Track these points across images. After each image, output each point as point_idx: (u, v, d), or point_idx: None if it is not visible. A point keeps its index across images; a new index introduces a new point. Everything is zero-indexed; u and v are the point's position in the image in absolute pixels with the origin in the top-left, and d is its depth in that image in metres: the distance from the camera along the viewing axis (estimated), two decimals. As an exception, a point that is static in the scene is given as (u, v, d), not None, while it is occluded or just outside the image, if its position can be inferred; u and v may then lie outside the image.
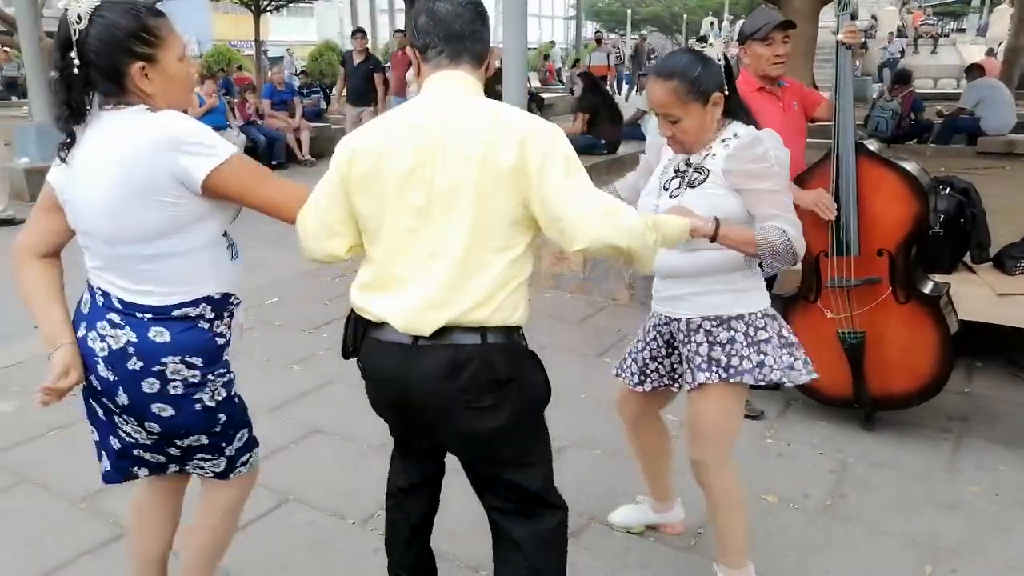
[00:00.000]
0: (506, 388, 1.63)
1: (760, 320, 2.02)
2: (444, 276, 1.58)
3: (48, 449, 3.13)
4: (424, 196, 1.57)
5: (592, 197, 1.56)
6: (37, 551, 2.49)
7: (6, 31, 12.34)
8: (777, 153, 1.98)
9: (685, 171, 2.02)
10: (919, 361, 3.01)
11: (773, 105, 3.08)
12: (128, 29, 1.61)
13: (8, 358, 4.05)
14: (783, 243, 1.87)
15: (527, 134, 1.54)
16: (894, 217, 2.93)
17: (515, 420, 1.65)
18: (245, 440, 1.91)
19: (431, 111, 1.60)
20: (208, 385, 1.76)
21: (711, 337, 2.01)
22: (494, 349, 1.60)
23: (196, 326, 1.72)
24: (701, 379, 2.00)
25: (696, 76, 1.93)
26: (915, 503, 2.69)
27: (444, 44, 1.63)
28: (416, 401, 1.65)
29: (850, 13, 2.99)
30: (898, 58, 20.54)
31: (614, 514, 2.60)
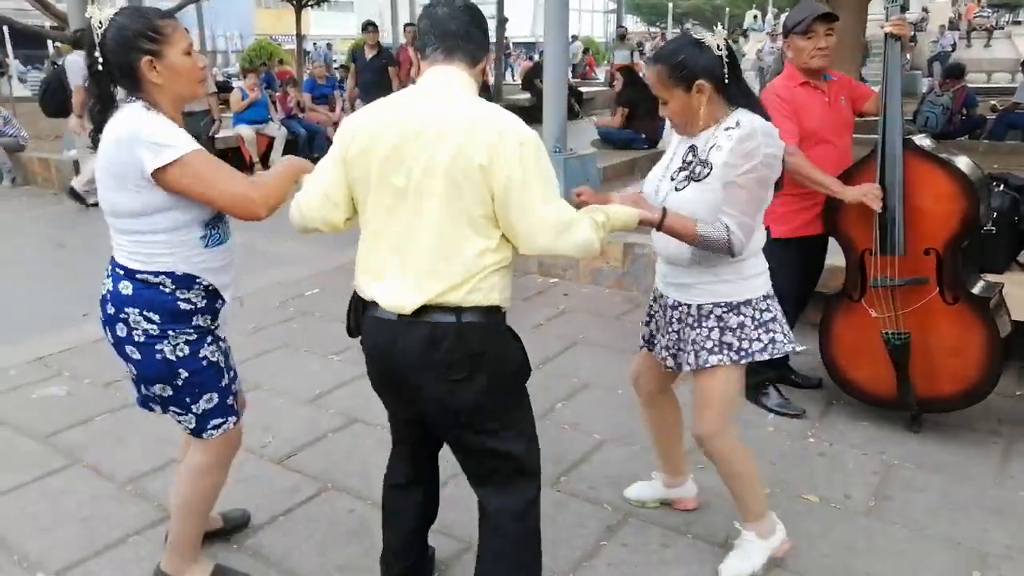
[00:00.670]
0: (480, 363, 1.75)
1: (763, 302, 2.15)
2: (419, 260, 1.72)
3: (97, 433, 3.23)
4: (404, 179, 1.71)
5: (549, 212, 1.68)
6: (89, 530, 2.57)
7: (57, 26, 12.69)
8: (767, 151, 2.00)
9: (692, 163, 2.09)
10: (966, 364, 2.93)
11: (817, 100, 3.03)
12: (135, 29, 1.90)
13: (60, 343, 4.18)
14: (721, 239, 1.99)
15: (502, 137, 1.65)
16: (942, 215, 2.85)
17: (490, 392, 1.78)
18: (215, 405, 2.10)
19: (420, 99, 1.74)
20: (168, 339, 2.01)
21: (722, 323, 2.12)
22: (469, 327, 1.73)
23: (157, 288, 1.99)
24: (714, 361, 2.11)
25: (678, 62, 2.01)
26: (962, 506, 2.63)
27: (439, 42, 1.78)
28: (401, 373, 1.80)
29: (900, 4, 2.92)
30: (949, 52, 19.97)
31: (629, 489, 2.67)
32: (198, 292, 2.04)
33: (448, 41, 1.77)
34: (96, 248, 6.65)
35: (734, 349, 2.11)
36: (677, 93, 2.04)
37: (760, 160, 1.98)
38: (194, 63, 2.00)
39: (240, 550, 2.46)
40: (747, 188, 2.00)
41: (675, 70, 2.02)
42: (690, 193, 2.05)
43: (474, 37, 1.79)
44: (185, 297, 2.02)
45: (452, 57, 1.78)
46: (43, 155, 9.30)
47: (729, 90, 2.05)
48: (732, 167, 1.98)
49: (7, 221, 7.51)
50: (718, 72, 2.01)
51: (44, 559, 2.43)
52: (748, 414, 3.29)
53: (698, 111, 2.04)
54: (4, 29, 19.85)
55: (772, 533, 2.31)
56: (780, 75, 3.13)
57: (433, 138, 1.67)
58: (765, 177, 2.03)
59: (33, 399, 3.55)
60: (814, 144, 2.96)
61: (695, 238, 2.00)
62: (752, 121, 2.01)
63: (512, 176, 1.65)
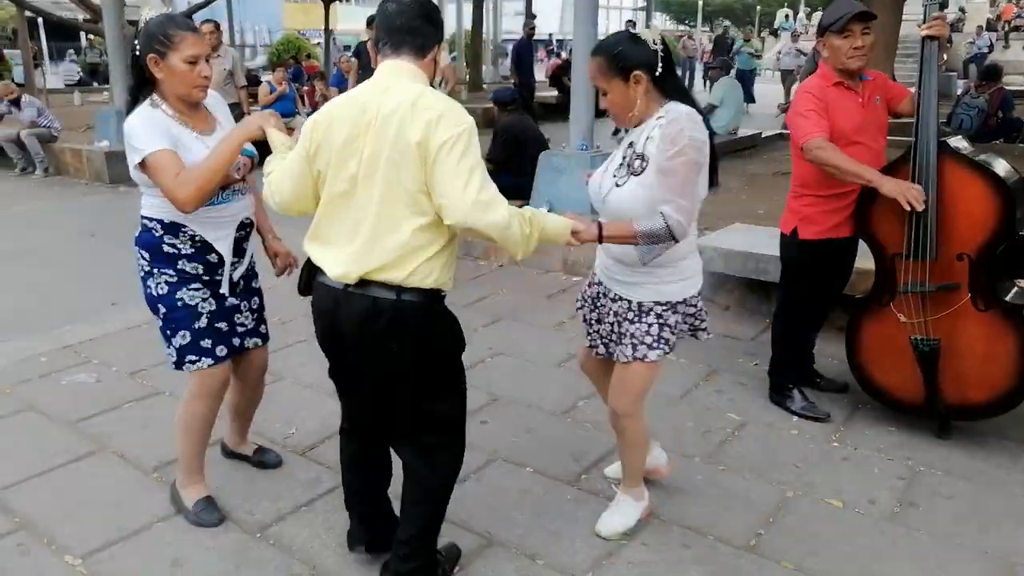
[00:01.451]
0: (415, 337, 1.94)
1: (694, 299, 2.31)
2: (362, 236, 1.89)
3: (124, 420, 3.28)
4: (356, 165, 1.88)
5: (472, 188, 1.80)
6: (116, 515, 2.61)
7: (91, 19, 12.89)
8: (692, 135, 2.08)
9: (630, 157, 2.20)
10: (998, 371, 2.86)
11: (851, 101, 2.97)
12: (152, 32, 2.27)
13: (90, 332, 4.25)
14: (660, 228, 2.07)
15: (437, 118, 1.80)
16: (976, 220, 2.79)
17: (423, 363, 1.98)
18: (188, 342, 2.43)
19: (372, 91, 1.90)
20: (153, 276, 2.43)
21: (662, 320, 2.26)
22: (407, 306, 1.91)
23: (151, 232, 2.42)
24: (652, 356, 2.26)
25: (616, 53, 2.14)
26: (991, 515, 2.58)
27: (388, 37, 1.93)
28: (343, 336, 2.00)
29: (939, 3, 2.85)
30: (986, 53, 19.60)
31: (609, 468, 2.83)
32: (184, 240, 2.40)
33: (395, 36, 1.92)
34: (126, 238, 6.74)
35: (670, 344, 2.28)
36: (616, 83, 2.16)
37: (687, 143, 2.06)
38: (190, 71, 2.29)
39: (262, 538, 2.49)
40: (676, 171, 2.07)
41: (614, 61, 2.14)
42: (631, 188, 2.15)
43: (420, 30, 1.92)
44: (171, 242, 2.40)
45: (400, 51, 1.92)
46: (75, 146, 9.46)
47: (664, 84, 2.16)
48: (661, 152, 2.08)
49: (39, 211, 7.65)
50: (654, 65, 2.13)
51: (71, 543, 2.47)
52: (771, 416, 3.27)
53: (635, 101, 2.15)
54: (39, 21, 20.21)
55: (642, 499, 2.55)
56: (814, 75, 3.08)
57: (380, 126, 1.83)
58: (694, 160, 2.09)
59: (62, 386, 3.61)
60: (846, 145, 2.91)
61: (635, 237, 2.08)
62: (678, 108, 2.13)
63: (442, 152, 1.79)
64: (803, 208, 3.11)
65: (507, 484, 2.78)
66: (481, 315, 4.48)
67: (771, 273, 4.07)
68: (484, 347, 3.98)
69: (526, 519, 2.57)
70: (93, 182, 8.98)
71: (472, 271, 5.36)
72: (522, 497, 2.69)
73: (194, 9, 13.42)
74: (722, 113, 9.37)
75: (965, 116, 8.78)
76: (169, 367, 2.49)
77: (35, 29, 21.51)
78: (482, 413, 3.30)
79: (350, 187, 1.89)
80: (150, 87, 2.33)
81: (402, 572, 2.14)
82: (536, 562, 2.37)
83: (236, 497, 2.70)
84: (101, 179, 8.89)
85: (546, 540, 2.47)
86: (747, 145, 9.52)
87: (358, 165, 1.87)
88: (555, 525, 2.54)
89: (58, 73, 23.14)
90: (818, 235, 3.08)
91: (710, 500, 2.68)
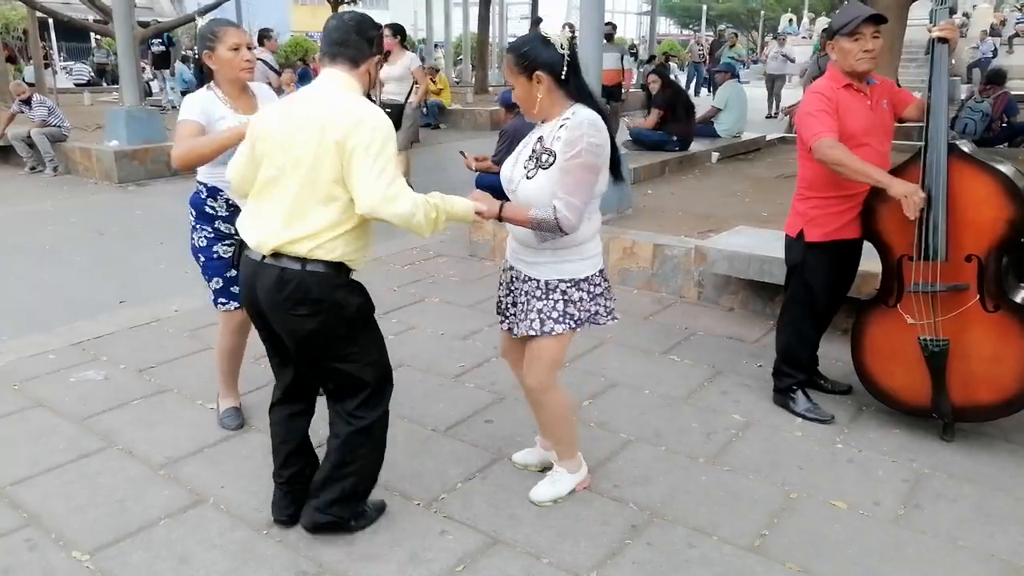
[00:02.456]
0: (318, 304, 2.19)
1: (597, 278, 2.48)
2: (280, 215, 2.18)
3: (132, 417, 3.30)
4: (283, 158, 2.16)
5: (382, 183, 2.07)
6: (123, 511, 2.63)
7: (102, 20, 12.96)
8: (591, 140, 2.26)
9: (539, 152, 2.37)
10: (1006, 373, 2.87)
11: (860, 103, 2.98)
12: (202, 34, 2.90)
13: (97, 329, 4.27)
14: (550, 220, 2.28)
15: (357, 122, 2.08)
16: (986, 221, 2.80)
17: (328, 328, 2.22)
18: (219, 287, 3.04)
19: (307, 96, 2.21)
20: (196, 231, 3.01)
21: (566, 296, 2.43)
22: (310, 275, 2.17)
23: (198, 193, 2.99)
24: (559, 330, 2.43)
25: (522, 53, 2.31)
26: (996, 518, 2.58)
27: (327, 48, 2.24)
28: (260, 303, 2.26)
29: (948, 8, 2.86)
30: (990, 58, 19.57)
31: (516, 455, 2.94)
32: (221, 203, 2.96)
33: (332, 48, 2.22)
34: (134, 236, 6.81)
35: (575, 319, 2.45)
36: (520, 80, 2.32)
37: (584, 147, 2.25)
38: (234, 57, 2.83)
39: (268, 535, 2.50)
40: (572, 172, 2.26)
41: (519, 60, 2.31)
42: (539, 180, 2.33)
43: (353, 43, 2.21)
44: (211, 205, 2.97)
45: (335, 61, 2.21)
46: (85, 145, 9.52)
47: (568, 86, 2.32)
48: (563, 153, 2.27)
49: (49, 209, 7.70)
50: (557, 68, 2.28)
51: (79, 538, 2.49)
52: (776, 418, 3.27)
53: (536, 99, 2.33)
54: (49, 22, 20.31)
55: (578, 470, 2.71)
56: (823, 76, 3.09)
57: (308, 126, 2.12)
58: (590, 163, 2.28)
59: (71, 383, 3.63)
60: (855, 147, 2.92)
61: (528, 222, 2.30)
62: (582, 113, 2.30)
63: (357, 151, 2.06)
64: (809, 210, 3.12)
65: (512, 483, 2.79)
66: (485, 315, 4.49)
67: (775, 275, 4.09)
68: (489, 347, 4.00)
69: (531, 518, 2.58)
70: (102, 181, 9.02)
71: (477, 272, 5.37)
72: (527, 496, 2.70)
73: (203, 11, 13.49)
74: (726, 117, 9.38)
75: (969, 120, 8.78)
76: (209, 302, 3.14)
77: (46, 30, 21.62)
78: (487, 412, 3.32)
79: (277, 174, 2.18)
80: (208, 78, 2.90)
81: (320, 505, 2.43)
82: (541, 560, 2.38)
83: (243, 494, 2.72)
84: (110, 178, 8.94)
85: (551, 539, 2.48)
86: (751, 148, 9.52)
87: (286, 157, 2.15)
88: (560, 525, 2.55)
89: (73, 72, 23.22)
90: (825, 237, 3.09)
91: (715, 501, 2.68)
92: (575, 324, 2.45)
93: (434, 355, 3.93)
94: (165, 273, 5.48)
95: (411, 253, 5.81)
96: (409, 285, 5.07)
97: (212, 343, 4.06)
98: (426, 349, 3.99)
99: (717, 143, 9.05)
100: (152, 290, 5.06)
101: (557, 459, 2.71)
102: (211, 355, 3.89)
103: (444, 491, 2.74)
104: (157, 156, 9.19)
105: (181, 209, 3.29)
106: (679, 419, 3.28)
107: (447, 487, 2.76)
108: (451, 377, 3.66)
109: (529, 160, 2.39)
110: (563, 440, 2.66)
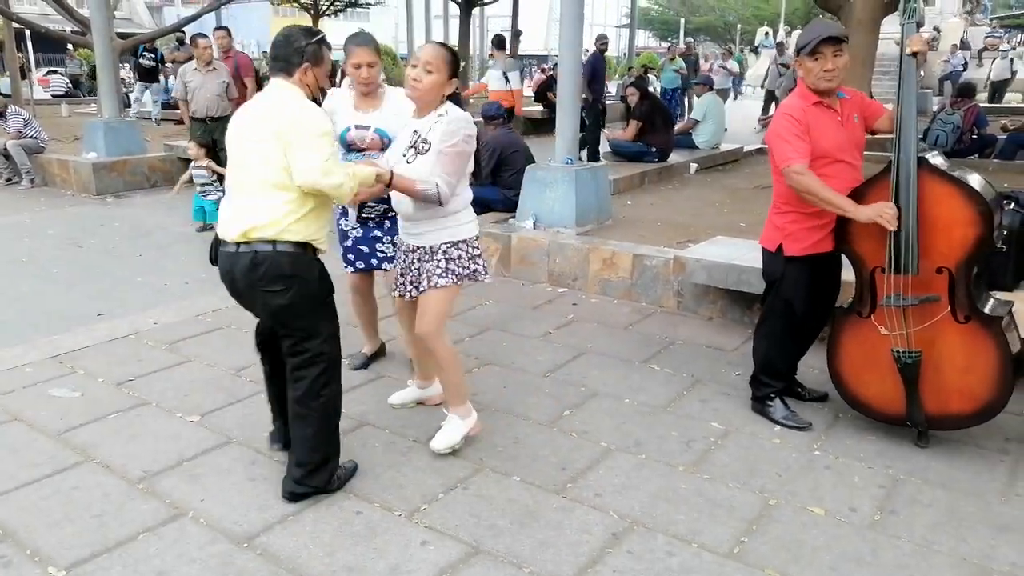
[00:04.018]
0: (290, 280, 2.53)
1: (475, 242, 3.02)
2: (246, 207, 2.53)
3: (110, 431, 3.26)
4: (241, 156, 2.56)
5: (314, 160, 2.45)
6: (101, 526, 2.60)
7: (79, 32, 12.86)
8: (465, 132, 2.82)
9: (416, 141, 2.89)
10: (977, 382, 2.92)
11: (830, 119, 3.03)
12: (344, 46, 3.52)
13: (73, 343, 4.23)
14: (432, 193, 2.79)
15: (290, 113, 2.49)
16: (956, 235, 2.84)
17: (297, 301, 2.57)
18: (341, 254, 3.71)
19: (255, 102, 2.63)
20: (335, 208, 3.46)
21: (447, 256, 2.94)
22: (281, 254, 2.52)
23: None
24: (442, 283, 2.92)
25: (455, 55, 2.91)
26: (968, 523, 2.63)
27: (271, 61, 2.65)
28: (239, 287, 2.60)
29: (916, 22, 2.92)
30: (960, 71, 19.95)
31: (392, 397, 3.46)
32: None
33: (273, 62, 2.63)
34: (112, 248, 6.75)
35: (455, 274, 2.94)
36: (443, 75, 2.83)
37: (460, 138, 2.80)
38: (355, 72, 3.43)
39: (248, 548, 2.49)
40: (450, 156, 2.79)
41: (453, 61, 2.88)
42: (417, 164, 2.84)
43: (283, 56, 2.59)
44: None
45: (275, 71, 2.61)
46: (62, 157, 9.42)
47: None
48: (442, 142, 2.79)
49: (25, 221, 7.61)
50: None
51: (55, 554, 2.46)
52: (754, 426, 3.31)
53: (439, 95, 2.87)
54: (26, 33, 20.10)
55: (468, 415, 3.08)
56: (793, 93, 3.14)
57: (254, 124, 2.53)
58: (463, 150, 2.83)
59: (47, 396, 3.59)
60: (828, 163, 2.97)
61: (414, 192, 2.80)
62: (455, 111, 2.86)
63: (292, 135, 2.45)
64: (787, 225, 3.16)
65: (494, 493, 2.80)
66: (468, 326, 4.50)
67: (753, 285, 4.14)
68: (471, 357, 4.01)
69: (512, 528, 2.59)
70: (80, 193, 8.94)
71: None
72: (508, 506, 2.71)
73: (183, 23, 13.44)
74: (705, 128, 9.50)
75: (940, 132, 8.96)
76: None
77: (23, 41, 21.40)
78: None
79: (238, 171, 2.57)
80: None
81: (297, 477, 2.72)
82: (522, 569, 2.39)
83: (222, 507, 2.70)
84: (88, 190, 8.86)
85: (532, 548, 2.49)
86: (729, 159, 9.63)
87: (242, 155, 2.55)
88: (541, 534, 2.56)
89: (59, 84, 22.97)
90: (804, 251, 3.12)
91: (694, 508, 2.71)
92: (456, 278, 2.94)
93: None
94: (143, 285, 5.44)
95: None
96: (388, 296, 5.05)
97: (191, 356, 4.05)
98: (406, 360, 3.99)
99: (695, 154, 9.15)
100: (130, 303, 5.01)
101: (448, 407, 3.10)
102: (189, 368, 3.89)
103: (425, 502, 2.74)
104: (136, 168, 9.13)
105: (160, 221, 3.28)
106: (659, 428, 3.30)
107: (428, 498, 2.76)
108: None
109: (408, 149, 2.91)
110: (451, 385, 3.06)
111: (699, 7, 43.29)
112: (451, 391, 3.08)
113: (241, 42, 33.41)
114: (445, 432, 3.04)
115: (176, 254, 6.32)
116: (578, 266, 5.22)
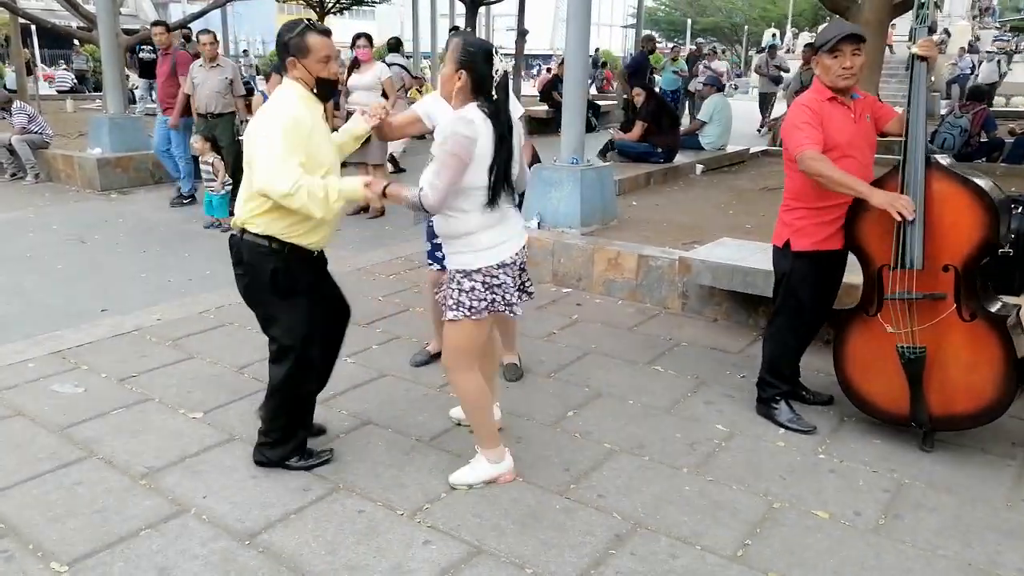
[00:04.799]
0: (245, 267, 2.74)
1: (496, 270, 2.63)
2: (241, 195, 2.73)
3: (113, 427, 3.26)
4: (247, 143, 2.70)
5: (269, 164, 2.52)
6: (103, 522, 2.60)
7: (85, 27, 12.88)
8: (458, 131, 2.49)
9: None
10: (982, 381, 2.91)
11: (844, 115, 3.04)
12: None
13: (77, 338, 4.23)
14: (414, 198, 2.53)
15: (262, 115, 2.63)
16: (963, 232, 2.85)
17: (251, 288, 2.78)
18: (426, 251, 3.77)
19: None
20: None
21: (459, 286, 2.64)
22: (243, 242, 2.72)
23: None
24: (450, 316, 2.65)
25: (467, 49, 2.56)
26: (974, 528, 2.61)
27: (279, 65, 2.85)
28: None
29: (928, 26, 2.92)
30: (968, 74, 19.88)
31: (454, 410, 3.30)
32: None
33: (279, 61, 2.73)
34: (116, 244, 6.76)
35: (466, 307, 2.62)
36: (450, 67, 2.57)
37: (451, 137, 2.50)
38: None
39: (250, 546, 2.48)
40: (440, 158, 2.51)
41: (463, 50, 2.56)
42: (428, 167, 2.59)
43: (278, 54, 2.70)
44: None
45: (280, 73, 2.74)
46: (67, 152, 9.43)
47: (478, 93, 2.55)
48: (438, 143, 2.57)
49: (30, 217, 7.61)
50: (478, 77, 2.53)
51: (57, 549, 2.46)
52: (758, 428, 3.29)
53: (451, 90, 2.58)
54: (32, 28, 20.17)
55: (500, 462, 2.82)
56: (809, 88, 3.16)
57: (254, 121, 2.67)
58: (454, 151, 2.48)
59: (50, 392, 3.59)
60: (839, 157, 2.98)
61: (401, 199, 2.60)
62: (463, 111, 2.54)
63: (254, 139, 2.58)
64: (795, 220, 3.16)
65: (497, 493, 2.79)
66: (471, 326, 4.50)
67: (759, 286, 4.12)
68: (474, 358, 4.00)
69: (515, 528, 2.58)
70: (84, 189, 8.94)
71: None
72: (512, 506, 2.70)
73: (189, 19, 13.45)
74: (711, 130, 9.47)
75: (948, 135, 8.92)
76: None
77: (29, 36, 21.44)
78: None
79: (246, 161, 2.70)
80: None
81: (256, 443, 2.95)
82: (524, 570, 2.38)
83: (224, 504, 2.70)
84: (92, 186, 8.86)
85: (535, 549, 2.48)
86: (735, 161, 9.61)
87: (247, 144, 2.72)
88: (544, 534, 2.55)
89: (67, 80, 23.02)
90: (811, 247, 3.13)
91: (697, 510, 2.69)
92: (469, 312, 2.62)
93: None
94: (147, 282, 5.44)
95: (396, 263, 5.80)
96: (394, 295, 5.06)
97: (194, 352, 4.05)
98: (410, 359, 3.98)
99: (701, 155, 9.12)
100: (134, 299, 5.01)
101: (478, 447, 2.85)
102: (192, 365, 3.89)
103: (428, 501, 2.73)
104: (140, 164, 9.13)
105: (164, 217, 3.28)
106: (663, 429, 3.29)
107: (431, 497, 2.76)
108: (435, 387, 3.66)
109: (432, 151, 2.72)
110: (475, 429, 2.85)
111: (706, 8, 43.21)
112: (481, 432, 2.82)
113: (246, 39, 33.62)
114: (466, 470, 2.83)
115: (180, 250, 6.32)
116: (583, 266, 5.21)
